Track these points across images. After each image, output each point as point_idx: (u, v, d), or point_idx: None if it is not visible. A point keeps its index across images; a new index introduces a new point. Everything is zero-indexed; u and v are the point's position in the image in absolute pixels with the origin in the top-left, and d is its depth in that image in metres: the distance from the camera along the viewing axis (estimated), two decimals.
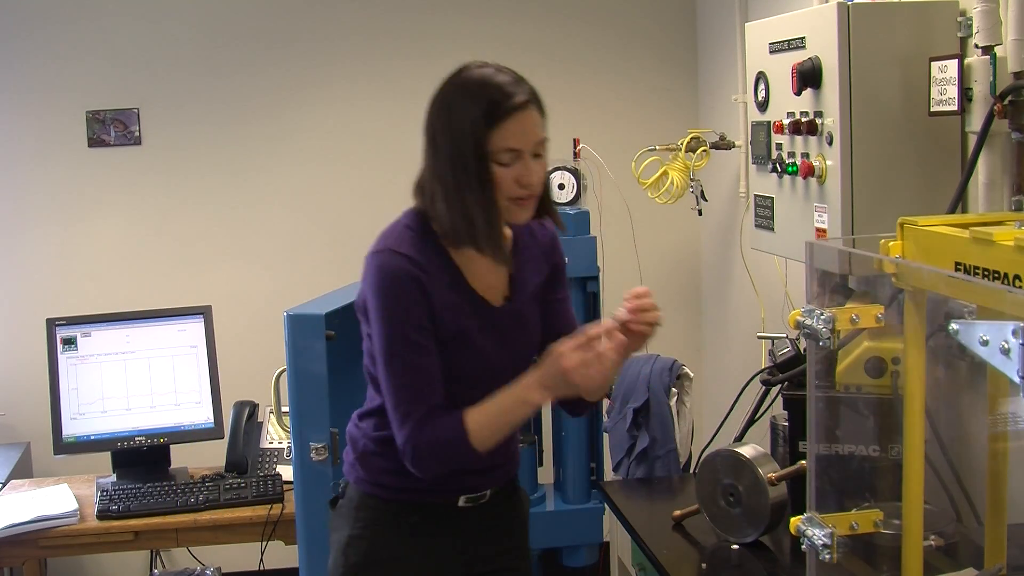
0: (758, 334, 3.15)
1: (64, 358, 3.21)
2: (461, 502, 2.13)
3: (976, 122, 2.18)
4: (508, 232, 2.12)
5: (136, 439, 3.20)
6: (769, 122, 2.60)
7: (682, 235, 4.20)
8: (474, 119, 1.93)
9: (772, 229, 2.65)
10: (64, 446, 3.18)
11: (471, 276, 2.05)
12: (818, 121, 2.38)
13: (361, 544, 2.12)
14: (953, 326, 1.36)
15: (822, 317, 1.64)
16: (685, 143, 3.51)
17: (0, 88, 3.91)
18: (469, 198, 1.96)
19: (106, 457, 3.24)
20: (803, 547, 1.77)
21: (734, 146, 3.58)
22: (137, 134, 3.98)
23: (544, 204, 2.09)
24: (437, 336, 2.00)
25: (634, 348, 2.00)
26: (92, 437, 3.20)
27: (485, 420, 1.97)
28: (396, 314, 1.97)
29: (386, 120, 3.99)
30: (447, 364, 2.00)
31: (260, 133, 4.04)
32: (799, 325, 1.70)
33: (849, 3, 2.30)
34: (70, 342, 3.22)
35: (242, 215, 4.07)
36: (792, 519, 1.79)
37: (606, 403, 3.31)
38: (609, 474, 3.34)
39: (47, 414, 3.21)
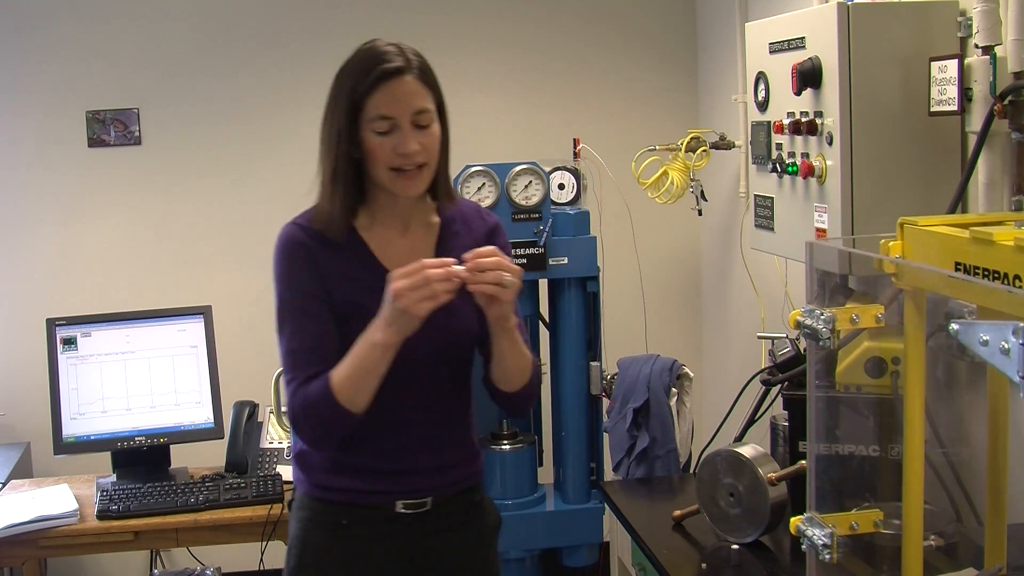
0: (758, 334, 3.16)
1: (64, 358, 3.21)
2: (399, 507, 2.06)
3: (976, 122, 2.18)
4: (435, 219, 2.11)
5: (136, 439, 3.20)
6: (769, 122, 2.60)
7: (682, 235, 4.20)
8: (350, 86, 1.97)
9: (772, 229, 2.65)
10: (64, 446, 3.18)
11: (385, 255, 2.04)
12: (818, 121, 2.38)
13: (299, 546, 2.11)
14: (953, 326, 1.36)
15: (822, 317, 1.64)
16: (685, 143, 3.51)
17: (0, 88, 3.91)
18: (327, 167, 1.99)
19: (106, 457, 3.24)
20: (803, 547, 1.77)
21: (734, 146, 3.58)
22: (137, 134, 3.98)
23: (438, 182, 2.05)
24: (334, 308, 1.99)
25: (496, 311, 1.93)
26: (92, 437, 3.20)
27: (345, 372, 1.93)
28: (285, 279, 2.01)
29: None
30: (349, 339, 1.97)
31: (260, 133, 4.05)
32: (799, 325, 1.70)
33: (849, 3, 2.30)
34: (70, 342, 3.22)
35: (242, 215, 4.07)
36: (792, 519, 1.79)
37: (606, 403, 3.32)
38: (609, 474, 3.34)
39: (47, 414, 3.21)
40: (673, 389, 3.19)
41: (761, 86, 2.64)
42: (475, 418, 2.21)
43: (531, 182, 3.18)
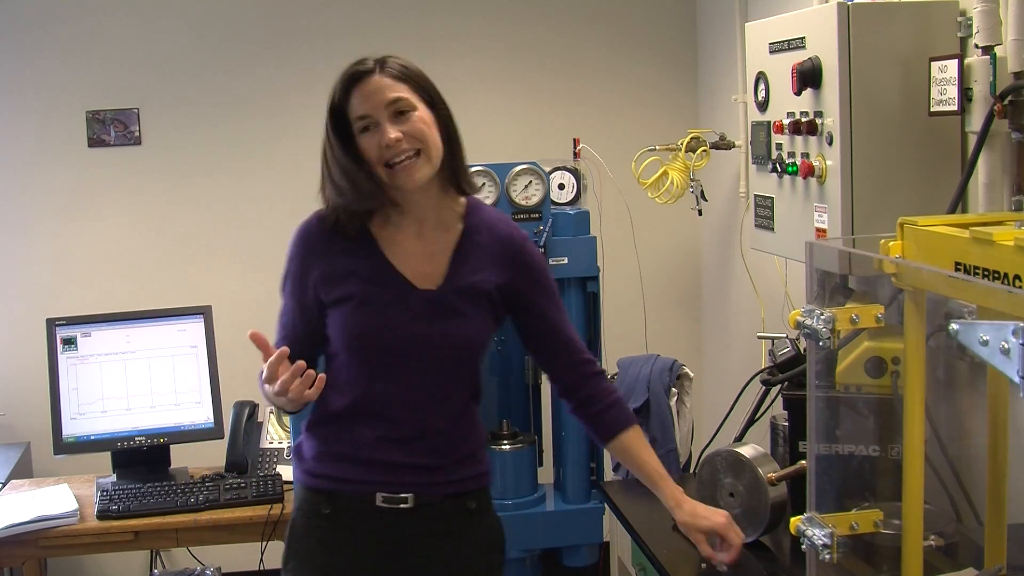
0: (758, 334, 3.15)
1: (64, 358, 3.21)
2: (379, 500, 2.08)
3: (976, 122, 2.18)
4: (459, 225, 2.14)
5: (136, 439, 3.20)
6: (769, 122, 2.60)
7: (682, 235, 4.20)
8: (330, 98, 2.07)
9: (772, 229, 2.65)
10: (64, 446, 3.18)
11: (396, 255, 2.09)
12: (818, 121, 2.38)
13: (290, 534, 2.17)
14: (953, 326, 1.36)
15: (822, 317, 1.64)
16: (685, 143, 3.51)
17: (0, 88, 3.91)
18: (333, 171, 2.05)
19: (106, 457, 3.24)
20: (803, 547, 1.78)
21: (734, 146, 3.58)
22: (137, 134, 3.98)
23: (448, 173, 2.09)
24: (325, 295, 2.08)
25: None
26: (92, 437, 3.20)
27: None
28: (287, 263, 2.16)
29: None
30: (340, 324, 2.06)
31: (260, 133, 4.04)
32: (799, 325, 1.70)
33: (849, 3, 2.30)
34: (70, 342, 3.22)
35: (242, 215, 4.07)
36: (792, 519, 1.79)
37: None
38: (609, 474, 3.33)
39: (47, 414, 3.21)
40: (673, 389, 3.19)
41: (761, 86, 2.64)
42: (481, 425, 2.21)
43: (531, 182, 3.18)
